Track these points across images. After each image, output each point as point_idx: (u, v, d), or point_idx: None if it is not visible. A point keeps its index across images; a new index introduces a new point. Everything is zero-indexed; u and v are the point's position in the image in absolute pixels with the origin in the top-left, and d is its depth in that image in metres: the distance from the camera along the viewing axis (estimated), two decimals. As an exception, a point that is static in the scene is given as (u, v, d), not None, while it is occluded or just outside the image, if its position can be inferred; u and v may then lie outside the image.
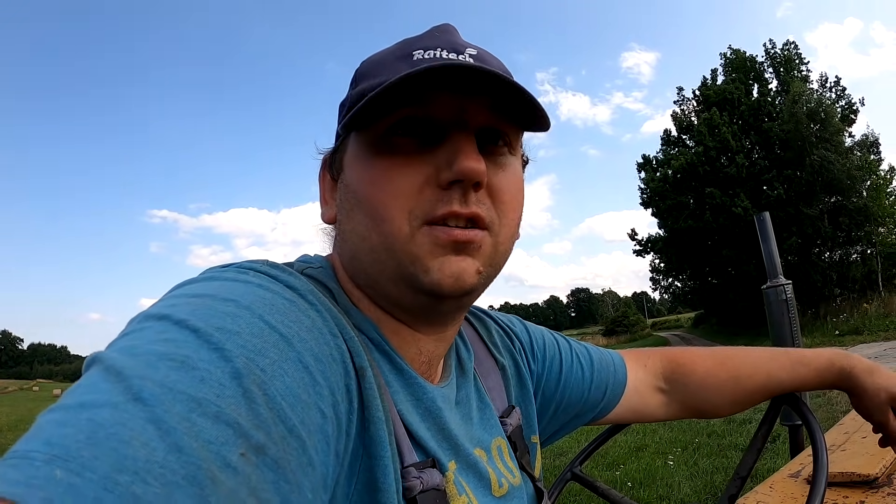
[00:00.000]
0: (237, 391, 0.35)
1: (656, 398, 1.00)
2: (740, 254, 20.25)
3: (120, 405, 0.31)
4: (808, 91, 20.41)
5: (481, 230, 0.57)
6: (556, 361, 0.89)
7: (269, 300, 0.45)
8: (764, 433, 1.02)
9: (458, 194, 0.55)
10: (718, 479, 4.60)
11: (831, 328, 15.65)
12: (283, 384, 0.39)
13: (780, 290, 2.45)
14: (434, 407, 0.62)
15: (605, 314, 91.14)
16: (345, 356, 0.49)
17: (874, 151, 20.67)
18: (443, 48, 0.57)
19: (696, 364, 1.00)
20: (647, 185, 24.84)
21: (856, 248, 20.53)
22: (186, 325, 0.38)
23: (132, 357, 0.35)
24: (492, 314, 0.90)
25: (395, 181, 0.56)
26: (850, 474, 1.16)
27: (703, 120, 22.40)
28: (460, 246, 0.56)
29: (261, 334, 0.40)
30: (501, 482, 0.67)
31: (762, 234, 2.55)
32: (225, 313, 0.40)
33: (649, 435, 6.48)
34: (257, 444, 0.34)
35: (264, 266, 0.52)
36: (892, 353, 10.09)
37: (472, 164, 0.54)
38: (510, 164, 0.61)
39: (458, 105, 0.56)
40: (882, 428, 0.94)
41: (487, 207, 0.58)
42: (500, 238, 0.59)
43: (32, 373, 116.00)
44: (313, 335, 0.45)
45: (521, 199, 0.62)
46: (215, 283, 0.46)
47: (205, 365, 0.35)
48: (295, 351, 0.42)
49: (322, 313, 0.50)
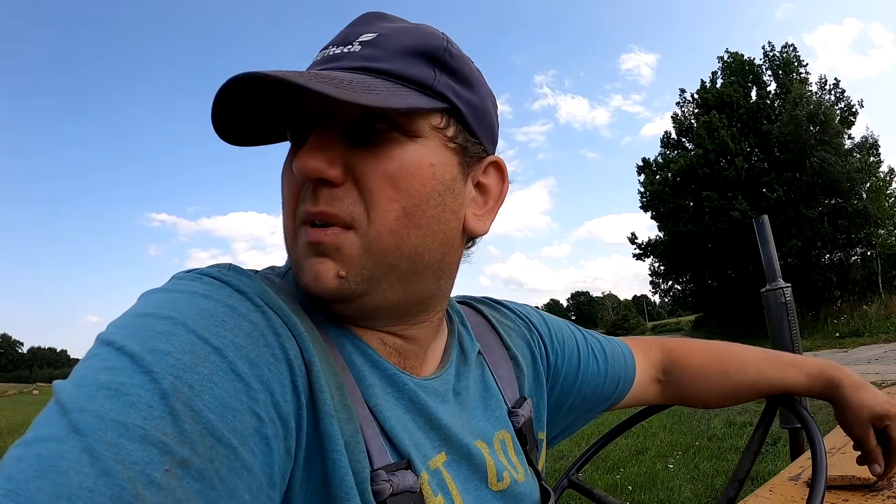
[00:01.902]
0: (164, 411, 0.38)
1: (653, 388, 1.03)
2: (740, 256, 20.26)
3: (62, 438, 0.35)
4: (808, 93, 20.44)
5: (339, 228, 0.55)
6: (574, 355, 0.89)
7: (210, 311, 0.47)
8: (760, 436, 1.02)
9: (310, 193, 0.56)
10: (719, 482, 4.59)
11: (832, 330, 15.65)
12: (213, 396, 0.41)
13: (779, 293, 2.45)
14: (418, 399, 0.61)
15: (606, 317, 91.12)
16: (289, 353, 0.49)
17: (874, 153, 20.66)
18: (334, 43, 0.59)
19: (691, 356, 1.02)
20: (646, 188, 24.85)
21: (856, 249, 20.52)
22: (124, 351, 0.41)
23: (78, 388, 0.39)
24: (509, 304, 0.90)
25: (285, 180, 0.60)
26: (850, 477, 1.15)
27: (702, 123, 22.43)
28: (317, 247, 0.55)
29: (192, 350, 0.43)
30: (502, 475, 0.67)
31: (761, 237, 2.55)
32: (161, 333, 0.43)
33: (650, 438, 6.47)
34: (181, 459, 0.37)
35: (221, 272, 0.53)
36: (892, 356, 10.09)
37: (304, 162, 0.54)
38: (394, 149, 0.56)
39: (325, 101, 0.54)
40: (861, 445, 0.95)
41: (350, 202, 0.55)
42: (371, 235, 0.55)
43: (32, 376, 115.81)
44: (252, 339, 0.47)
45: (410, 187, 0.56)
46: (164, 295, 0.49)
47: (136, 390, 0.39)
48: (227, 361, 0.44)
49: (267, 314, 0.50)
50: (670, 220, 23.58)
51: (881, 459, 0.95)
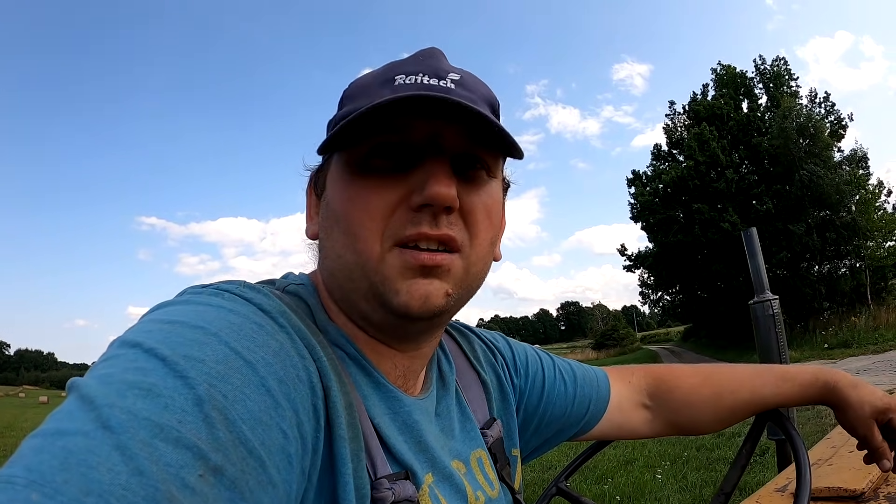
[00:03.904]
0: (198, 416, 0.38)
1: (640, 415, 1.00)
2: (729, 268, 20.36)
3: (90, 433, 0.34)
4: (798, 106, 20.61)
5: (451, 253, 0.59)
6: (538, 377, 0.90)
7: (238, 325, 0.47)
8: (748, 449, 1.02)
9: (429, 217, 0.57)
10: (707, 492, 4.60)
11: (820, 342, 15.75)
12: (245, 408, 0.41)
13: (766, 306, 2.46)
14: (411, 420, 0.63)
15: (595, 328, 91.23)
16: (312, 377, 0.51)
17: (863, 166, 20.87)
18: (424, 73, 0.60)
19: (680, 380, 1.01)
20: (637, 199, 24.97)
21: (844, 261, 20.67)
22: (155, 354, 0.41)
23: (105, 385, 0.38)
24: (475, 330, 0.91)
25: (371, 201, 0.58)
26: (836, 489, 1.16)
27: (693, 135, 22.56)
28: (428, 269, 0.58)
29: (225, 360, 0.43)
30: (478, 495, 0.68)
31: (749, 249, 2.56)
32: (192, 340, 0.43)
33: (638, 449, 6.48)
34: (215, 466, 0.37)
35: (239, 288, 0.54)
36: (880, 367, 10.15)
37: (442, 190, 0.56)
38: (487, 186, 0.63)
39: (434, 130, 0.58)
40: (866, 442, 0.94)
41: (459, 229, 0.60)
42: (471, 259, 0.61)
43: (19, 379, 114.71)
44: (279, 358, 0.47)
45: (496, 221, 0.65)
46: (189, 307, 0.49)
47: (169, 392, 0.38)
48: (258, 376, 0.44)
49: (291, 335, 0.52)
50: (660, 232, 23.71)
51: (889, 454, 0.94)
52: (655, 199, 23.87)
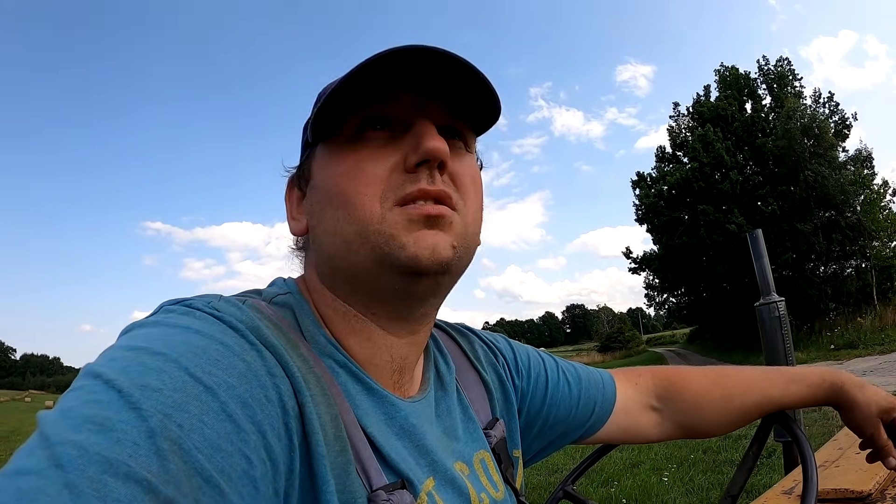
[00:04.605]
0: (150, 449, 0.38)
1: (648, 417, 0.99)
2: (735, 270, 20.27)
3: (43, 471, 0.35)
4: (802, 107, 20.54)
5: (450, 208, 0.61)
6: (541, 378, 0.90)
7: (202, 348, 0.47)
8: (755, 452, 1.03)
9: (426, 174, 0.59)
10: (714, 495, 4.59)
11: (826, 342, 15.68)
12: (202, 436, 0.41)
13: (772, 307, 2.46)
14: (408, 424, 0.63)
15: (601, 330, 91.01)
16: (283, 395, 0.50)
17: (867, 166, 20.79)
18: None
19: (690, 382, 1.00)
20: (641, 201, 24.90)
21: (850, 262, 20.59)
22: (113, 386, 0.41)
23: (63, 419, 0.39)
24: (476, 331, 0.91)
25: (366, 169, 0.60)
26: (843, 491, 1.16)
27: (697, 136, 22.51)
28: (432, 220, 0.59)
29: (183, 388, 0.43)
30: (481, 496, 0.68)
31: (754, 251, 2.56)
32: (152, 369, 0.43)
33: (644, 451, 6.46)
34: (166, 499, 0.37)
35: (212, 304, 0.54)
36: (887, 367, 10.11)
37: (437, 144, 0.58)
38: (467, 158, 0.66)
39: (418, 103, 0.61)
40: (873, 441, 0.95)
41: (453, 190, 0.62)
42: (467, 219, 0.63)
43: (25, 383, 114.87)
44: (245, 380, 0.47)
45: (479, 191, 0.67)
46: (156, 330, 0.49)
47: (122, 426, 0.38)
48: (219, 401, 0.44)
49: (262, 353, 0.51)
50: (665, 234, 23.62)
51: (894, 451, 0.95)
52: (660, 201, 23.79)
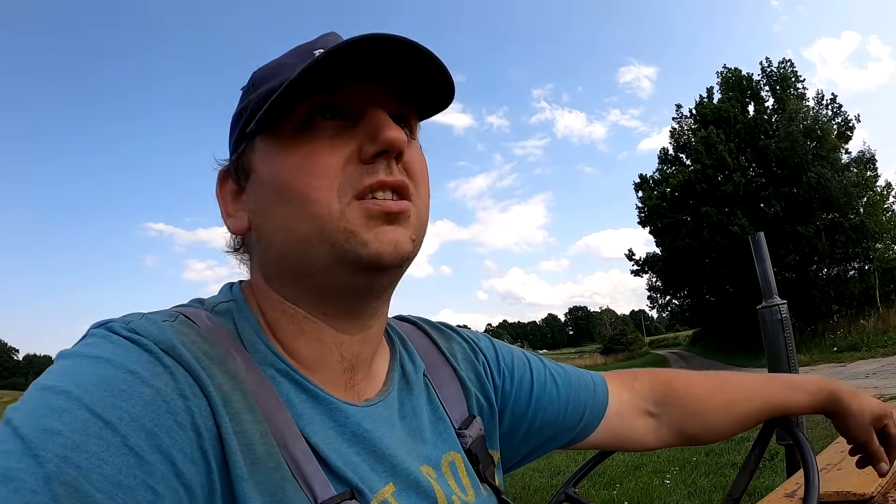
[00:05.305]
0: (47, 496, 0.39)
1: (644, 423, 0.96)
2: (738, 272, 20.24)
3: None
4: (805, 108, 20.54)
5: (407, 201, 0.60)
6: (525, 379, 0.86)
7: (108, 380, 0.46)
8: (757, 455, 1.03)
9: (384, 165, 0.58)
10: (716, 497, 4.59)
11: (829, 345, 15.67)
12: (101, 475, 0.41)
13: (774, 310, 2.45)
14: (360, 429, 0.61)
15: (603, 332, 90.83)
16: (197, 418, 0.49)
17: (870, 168, 20.79)
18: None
19: (691, 387, 0.97)
20: (644, 203, 24.89)
21: (853, 264, 20.58)
22: (17, 432, 0.42)
23: None
24: (457, 330, 0.88)
25: (320, 161, 0.57)
26: (845, 493, 1.16)
27: (699, 138, 22.51)
28: (392, 216, 0.58)
29: (83, 428, 0.43)
30: (452, 499, 0.66)
31: (757, 253, 2.55)
32: (54, 410, 0.43)
33: (646, 454, 6.45)
34: None
35: (132, 325, 0.53)
36: (890, 370, 10.09)
37: (396, 134, 0.57)
38: (415, 145, 0.65)
39: (369, 91, 0.59)
40: (865, 447, 0.97)
41: (407, 179, 0.61)
42: (419, 207, 0.63)
43: (27, 384, 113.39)
44: (152, 408, 0.46)
45: (428, 178, 0.66)
46: (69, 363, 0.49)
47: (20, 474, 0.39)
48: (119, 436, 0.43)
49: (175, 375, 0.50)
50: (668, 236, 23.62)
51: (885, 457, 0.97)
52: (663, 203, 23.80)
